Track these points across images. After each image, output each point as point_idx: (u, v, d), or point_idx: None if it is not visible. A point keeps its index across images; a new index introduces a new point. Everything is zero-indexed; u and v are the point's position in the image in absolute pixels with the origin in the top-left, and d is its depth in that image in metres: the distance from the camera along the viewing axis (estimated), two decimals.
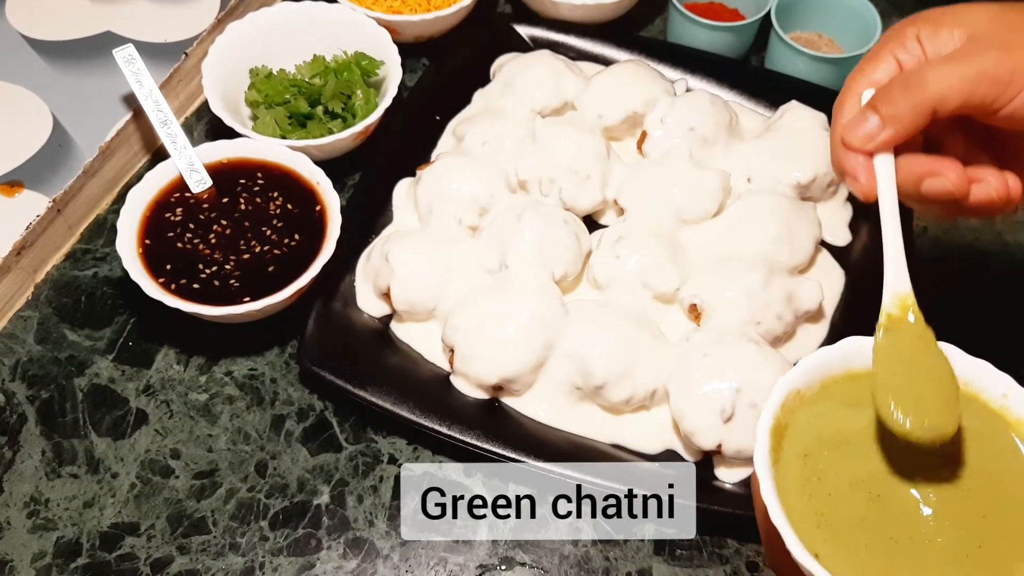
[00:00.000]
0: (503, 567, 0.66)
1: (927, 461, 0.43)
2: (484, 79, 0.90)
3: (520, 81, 0.85)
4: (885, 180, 0.48)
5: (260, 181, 0.77)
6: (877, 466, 0.43)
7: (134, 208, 0.74)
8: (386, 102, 0.82)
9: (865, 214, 0.82)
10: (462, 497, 0.68)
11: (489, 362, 0.68)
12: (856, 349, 0.46)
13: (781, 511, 0.40)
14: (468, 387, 0.71)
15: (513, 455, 0.66)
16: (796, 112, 0.82)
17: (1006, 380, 0.45)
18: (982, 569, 0.40)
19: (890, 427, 0.43)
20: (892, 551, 0.41)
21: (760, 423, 0.43)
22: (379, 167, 0.83)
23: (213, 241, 0.74)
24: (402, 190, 0.82)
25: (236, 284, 0.71)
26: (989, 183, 0.48)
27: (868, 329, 0.47)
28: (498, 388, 0.70)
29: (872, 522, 0.42)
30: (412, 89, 0.89)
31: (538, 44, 0.92)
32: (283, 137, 0.82)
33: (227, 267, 0.72)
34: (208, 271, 0.72)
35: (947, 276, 0.82)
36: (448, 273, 0.73)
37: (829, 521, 0.42)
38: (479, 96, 0.89)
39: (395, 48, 0.85)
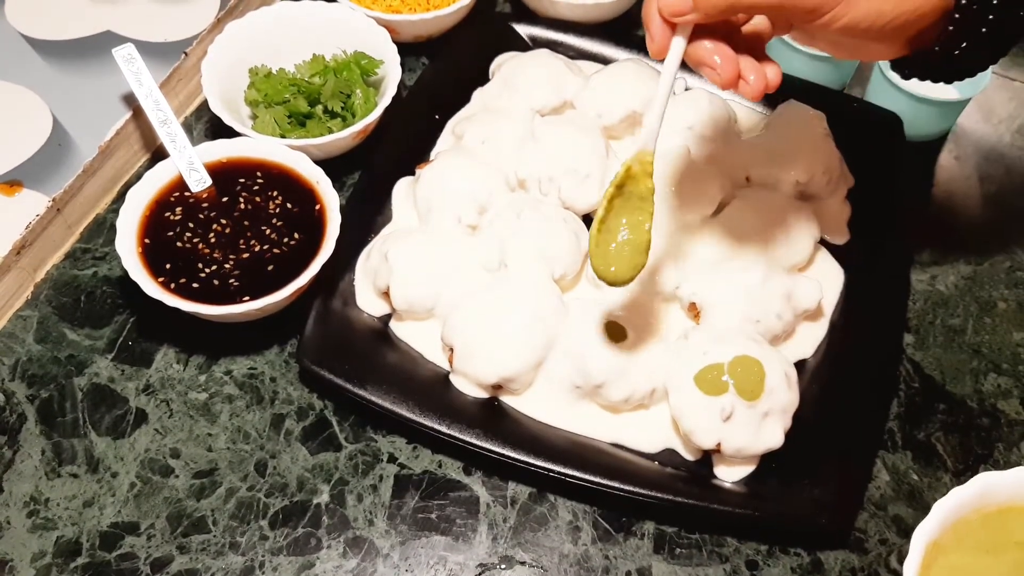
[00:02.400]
0: (503, 566, 0.66)
1: None
2: (483, 78, 0.90)
3: (519, 80, 0.85)
4: (674, 54, 0.56)
5: (259, 180, 0.77)
6: None
7: (134, 207, 0.74)
8: (385, 101, 0.82)
9: (864, 213, 0.82)
10: (461, 496, 0.68)
11: (488, 361, 0.68)
12: (988, 488, 0.45)
13: None
14: (467, 386, 0.71)
15: (512, 454, 0.66)
16: (794, 111, 0.82)
17: None
18: None
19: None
20: None
21: None
22: (378, 166, 0.83)
23: (213, 240, 0.74)
24: (401, 189, 0.82)
25: (236, 283, 0.71)
26: (752, 83, 0.57)
27: (868, 330, 0.47)
28: (497, 387, 0.70)
29: None
30: (411, 88, 0.89)
31: (537, 43, 0.92)
32: (282, 136, 0.82)
33: (227, 266, 0.72)
34: (208, 270, 0.72)
35: (945, 276, 0.82)
36: (447, 272, 0.73)
37: None
38: (478, 95, 0.89)
39: (394, 47, 0.85)
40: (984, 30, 0.55)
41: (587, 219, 0.80)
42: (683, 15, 0.54)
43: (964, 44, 0.56)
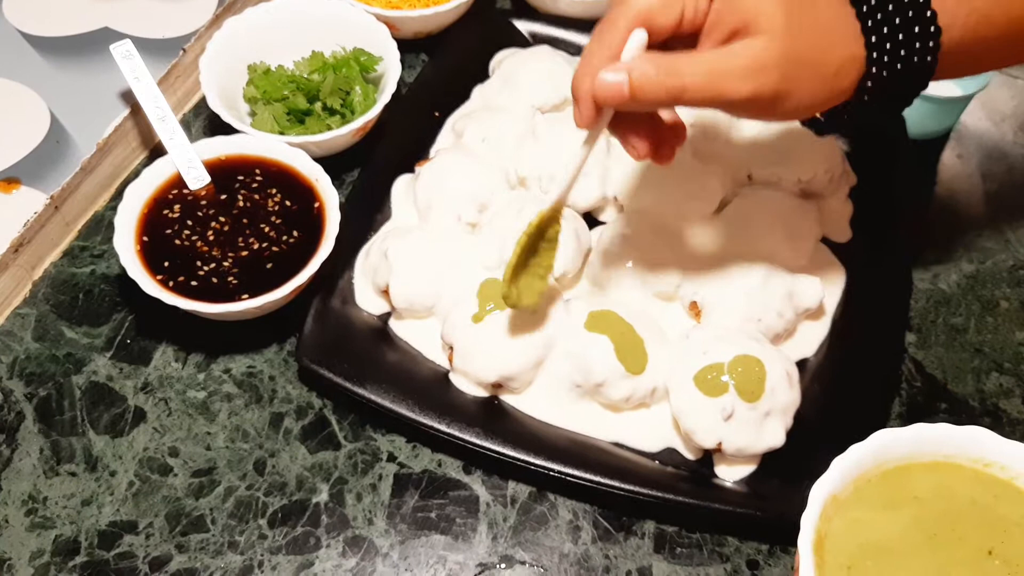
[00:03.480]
0: (503, 565, 0.65)
1: (975, 562, 0.42)
2: (483, 75, 0.90)
3: (520, 77, 0.85)
4: (600, 124, 0.57)
5: (258, 178, 0.77)
6: (921, 569, 0.43)
7: (132, 205, 0.73)
8: (385, 98, 0.81)
9: (866, 212, 0.82)
10: (461, 495, 0.68)
11: (489, 360, 0.68)
12: (886, 443, 0.46)
13: None
14: (467, 385, 0.70)
15: (513, 453, 0.66)
16: None
17: None
18: None
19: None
20: None
21: (801, 539, 0.42)
22: (378, 164, 0.82)
23: (211, 238, 0.73)
24: (401, 187, 0.81)
25: (234, 281, 0.71)
26: (662, 152, 0.60)
27: (870, 329, 0.47)
28: (498, 386, 0.70)
29: None
30: (411, 85, 0.89)
31: (537, 40, 0.92)
32: (281, 133, 0.82)
33: (225, 264, 0.72)
34: (206, 268, 0.72)
35: (947, 275, 0.82)
36: (447, 270, 0.73)
37: None
38: (478, 92, 0.88)
39: (394, 44, 0.85)
40: (893, 92, 0.57)
41: (588, 217, 0.79)
42: (617, 105, 0.54)
43: (874, 105, 0.57)
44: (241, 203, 0.76)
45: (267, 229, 0.74)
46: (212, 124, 0.87)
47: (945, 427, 0.48)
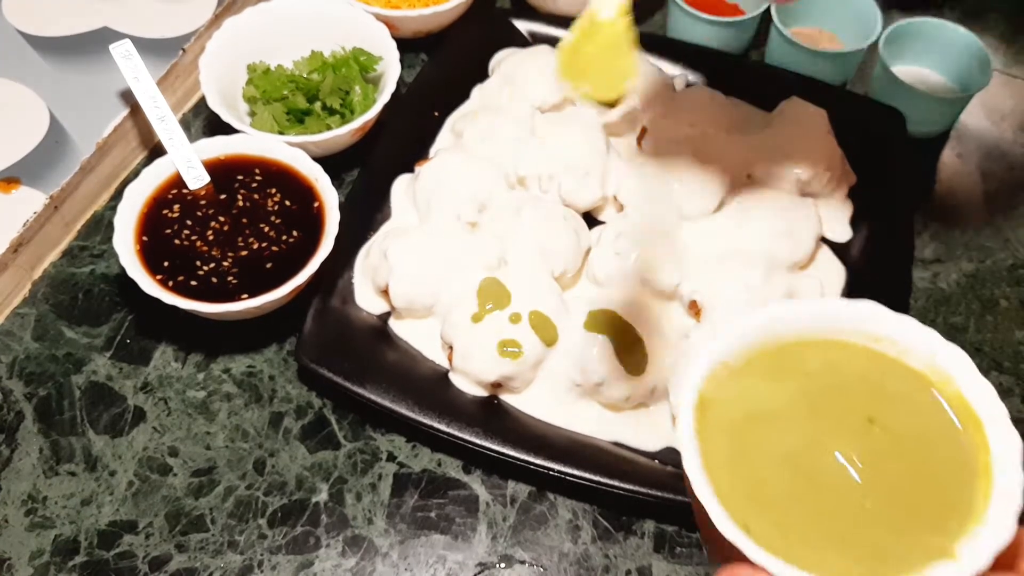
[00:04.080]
0: (502, 565, 0.65)
1: (854, 429, 0.43)
2: (483, 75, 0.89)
3: (519, 77, 0.84)
4: None
5: (258, 177, 0.77)
6: (804, 438, 0.43)
7: (131, 205, 0.73)
8: (384, 98, 0.81)
9: (866, 211, 0.82)
10: (461, 495, 0.68)
11: (488, 359, 0.68)
12: (780, 314, 0.46)
13: (708, 485, 0.40)
14: (467, 384, 0.70)
15: (512, 452, 0.66)
16: (796, 108, 0.82)
17: (931, 336, 0.45)
18: (916, 532, 0.40)
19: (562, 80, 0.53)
20: (823, 522, 0.41)
21: (684, 399, 0.43)
22: (377, 163, 0.82)
23: (211, 238, 0.73)
24: (401, 186, 0.81)
25: (234, 281, 0.71)
26: None
27: None
28: (497, 385, 0.70)
29: (801, 494, 0.42)
30: (410, 85, 0.89)
31: (537, 39, 0.92)
32: (281, 133, 0.81)
33: (225, 264, 0.72)
34: (206, 268, 0.72)
35: (947, 274, 0.82)
36: (447, 270, 0.73)
37: (758, 495, 0.42)
38: (478, 92, 0.88)
39: (393, 44, 0.85)
40: None
41: (587, 216, 0.79)
42: None
43: None
44: (241, 203, 0.76)
45: (267, 229, 0.74)
46: (211, 124, 0.87)
47: (838, 301, 0.49)
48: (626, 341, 0.68)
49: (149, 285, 0.69)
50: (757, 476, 0.42)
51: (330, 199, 0.74)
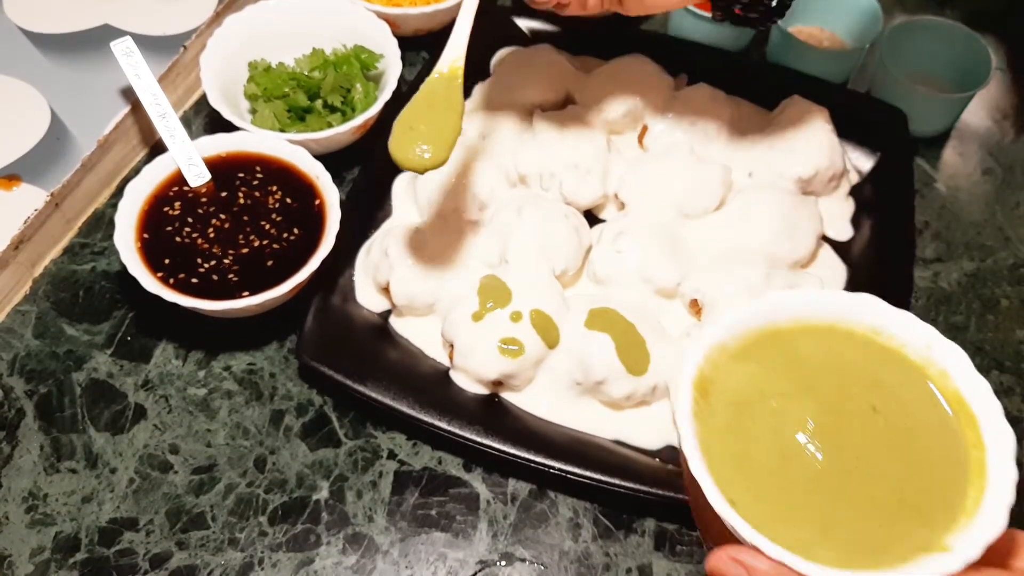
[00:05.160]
0: (503, 563, 0.65)
1: (849, 417, 0.43)
2: (484, 73, 0.89)
3: (520, 75, 0.84)
4: None
5: (259, 175, 0.77)
6: (801, 422, 0.44)
7: (132, 202, 0.73)
8: (385, 96, 0.81)
9: (867, 209, 0.82)
10: (462, 492, 0.68)
11: (489, 357, 0.68)
12: (779, 301, 0.46)
13: (702, 461, 0.40)
14: (468, 382, 0.70)
15: (513, 450, 0.66)
16: (798, 106, 0.82)
17: (929, 331, 0.45)
18: (905, 523, 0.41)
19: (391, 152, 0.60)
20: (810, 504, 0.41)
21: (683, 374, 0.43)
22: (378, 161, 0.82)
23: (212, 235, 0.73)
24: (402, 184, 0.81)
25: (235, 278, 0.71)
26: None
27: None
28: (498, 383, 0.70)
29: (791, 475, 0.42)
30: (412, 83, 0.89)
31: (538, 37, 0.92)
32: (282, 131, 0.81)
33: (226, 261, 0.72)
34: (207, 265, 0.72)
35: (948, 274, 0.82)
36: (448, 268, 0.72)
37: (748, 467, 0.42)
38: (479, 90, 0.88)
39: (395, 41, 0.85)
40: None
41: (588, 215, 0.79)
42: None
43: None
44: (242, 200, 0.75)
45: (267, 226, 0.74)
46: (213, 121, 0.87)
47: (838, 293, 0.49)
48: (627, 339, 0.68)
49: (150, 282, 0.69)
50: (749, 450, 0.43)
51: (331, 197, 0.74)
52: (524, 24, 0.92)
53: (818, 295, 0.47)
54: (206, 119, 0.88)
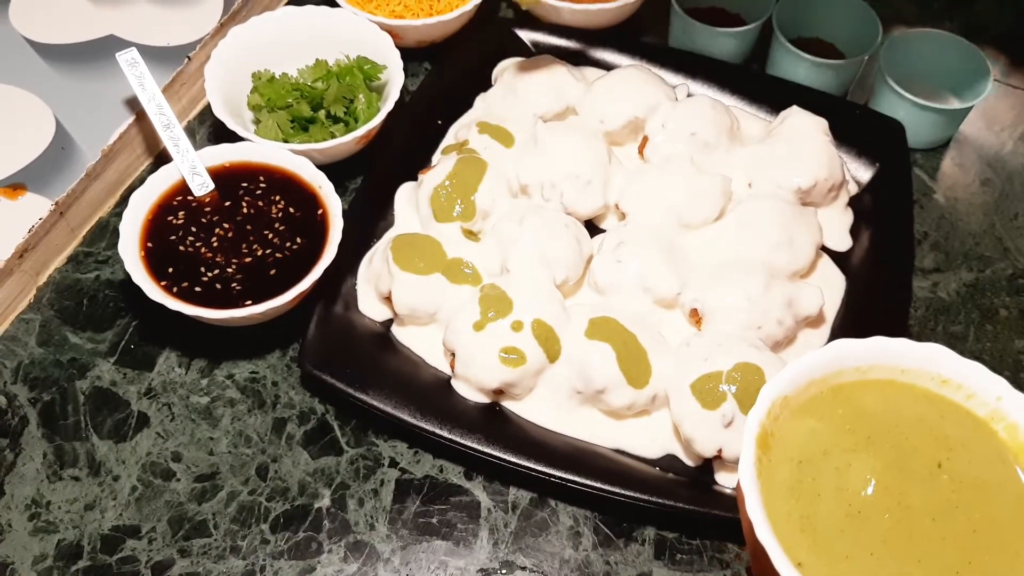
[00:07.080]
0: (504, 571, 0.66)
1: (916, 474, 0.43)
2: (486, 84, 0.90)
3: (522, 86, 0.85)
4: None
5: (262, 184, 0.77)
6: (865, 480, 0.43)
7: (136, 211, 0.74)
8: (388, 106, 0.82)
9: (866, 220, 0.82)
10: (463, 501, 0.68)
11: (490, 366, 0.68)
12: (845, 351, 0.46)
13: (767, 524, 0.40)
14: (469, 391, 0.71)
15: (514, 459, 0.66)
16: (797, 117, 0.82)
17: (1001, 383, 0.44)
18: None
19: None
20: (879, 567, 0.41)
21: (747, 431, 0.43)
22: (381, 171, 0.83)
23: (215, 244, 0.74)
24: (404, 194, 0.82)
25: (238, 287, 0.72)
26: None
27: (869, 334, 0.47)
28: (499, 392, 0.70)
29: (856, 535, 0.42)
30: (414, 93, 0.90)
31: (540, 49, 0.92)
32: (285, 141, 0.82)
33: (229, 270, 0.72)
34: (210, 274, 0.72)
35: (946, 284, 0.82)
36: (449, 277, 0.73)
37: (813, 527, 0.41)
38: (481, 101, 0.89)
39: (397, 52, 0.86)
40: None
41: (589, 225, 0.80)
42: None
43: None
44: (245, 210, 0.76)
45: (271, 236, 0.75)
46: (216, 131, 0.88)
47: (904, 342, 0.48)
48: (627, 349, 0.68)
49: (154, 291, 0.69)
50: (814, 510, 0.42)
51: (334, 206, 0.75)
52: (526, 36, 0.93)
53: (883, 344, 0.46)
54: (210, 129, 0.89)
